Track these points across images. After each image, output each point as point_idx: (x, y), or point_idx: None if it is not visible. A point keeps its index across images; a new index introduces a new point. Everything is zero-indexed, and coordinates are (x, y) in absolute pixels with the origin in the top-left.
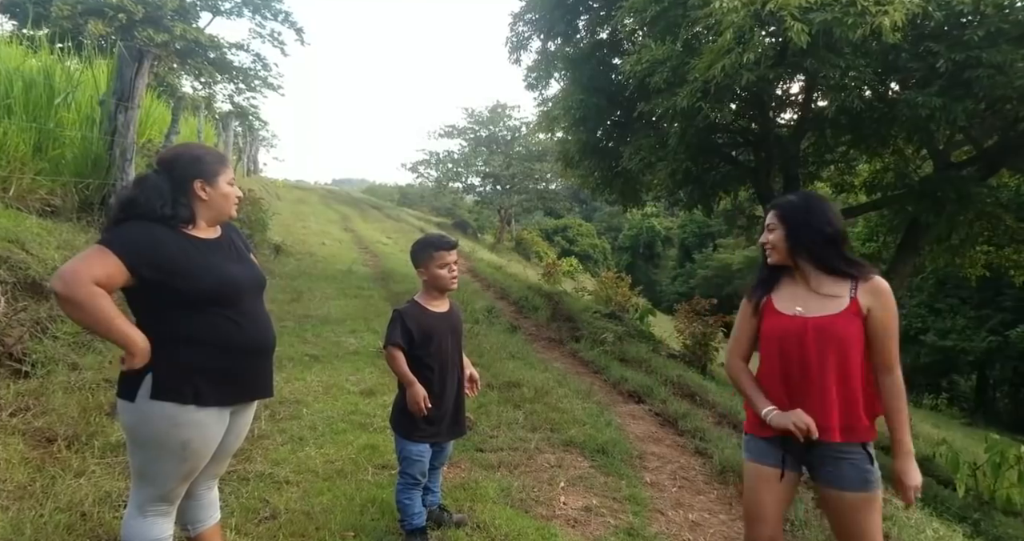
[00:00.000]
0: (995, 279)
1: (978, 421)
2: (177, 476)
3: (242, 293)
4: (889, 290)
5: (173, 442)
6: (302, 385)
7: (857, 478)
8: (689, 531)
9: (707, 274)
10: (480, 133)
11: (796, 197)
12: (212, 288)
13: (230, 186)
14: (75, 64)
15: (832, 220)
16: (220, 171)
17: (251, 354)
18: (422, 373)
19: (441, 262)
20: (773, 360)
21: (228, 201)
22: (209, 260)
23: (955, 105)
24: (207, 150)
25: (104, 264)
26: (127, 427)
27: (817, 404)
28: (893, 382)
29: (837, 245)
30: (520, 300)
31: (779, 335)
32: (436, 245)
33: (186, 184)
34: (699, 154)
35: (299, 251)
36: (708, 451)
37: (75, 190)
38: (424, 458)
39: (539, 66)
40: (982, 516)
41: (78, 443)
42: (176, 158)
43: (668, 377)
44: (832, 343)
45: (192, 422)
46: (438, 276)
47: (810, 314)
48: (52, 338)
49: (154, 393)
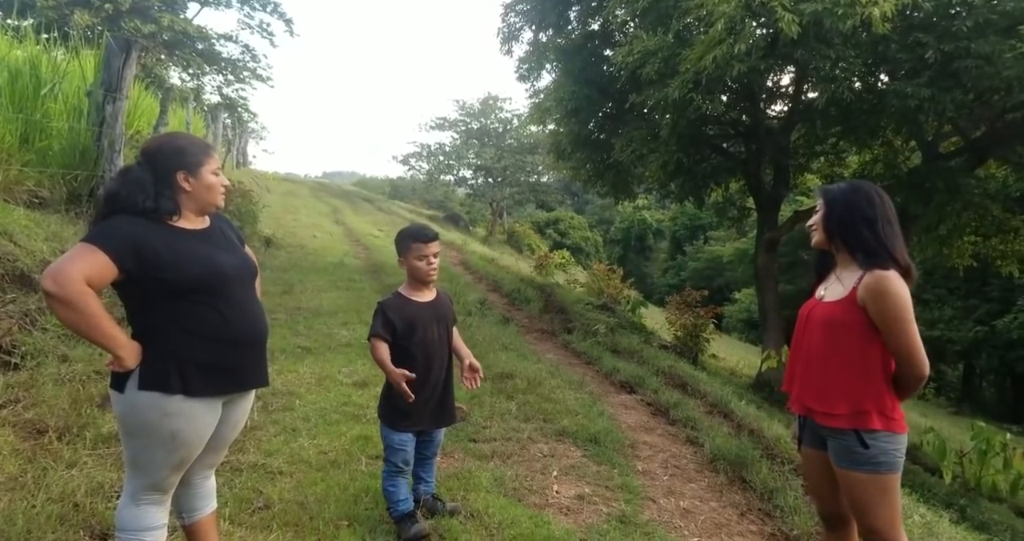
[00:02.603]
0: (982, 269)
1: (964, 410)
2: (168, 465)
3: (230, 283)
4: (884, 289)
5: (162, 432)
6: (294, 377)
7: (846, 457)
8: (680, 518)
9: (698, 266)
10: (471, 125)
11: (845, 182)
12: (198, 278)
13: (214, 176)
14: (61, 55)
15: (875, 202)
16: (203, 161)
17: (241, 344)
18: (406, 362)
19: (418, 254)
20: (793, 338)
21: (212, 192)
22: (195, 250)
23: (944, 96)
24: (190, 140)
25: (93, 262)
26: (118, 417)
27: (807, 385)
28: (903, 371)
29: (875, 229)
30: (512, 292)
31: (799, 315)
32: (414, 236)
33: (168, 176)
34: (690, 146)
35: (290, 244)
36: (699, 440)
37: (63, 182)
38: (406, 447)
39: (531, 57)
40: (968, 502)
41: (69, 435)
42: (158, 150)
43: (660, 367)
44: (827, 329)
45: (181, 412)
46: (415, 267)
47: (826, 299)
48: (41, 330)
49: (142, 383)
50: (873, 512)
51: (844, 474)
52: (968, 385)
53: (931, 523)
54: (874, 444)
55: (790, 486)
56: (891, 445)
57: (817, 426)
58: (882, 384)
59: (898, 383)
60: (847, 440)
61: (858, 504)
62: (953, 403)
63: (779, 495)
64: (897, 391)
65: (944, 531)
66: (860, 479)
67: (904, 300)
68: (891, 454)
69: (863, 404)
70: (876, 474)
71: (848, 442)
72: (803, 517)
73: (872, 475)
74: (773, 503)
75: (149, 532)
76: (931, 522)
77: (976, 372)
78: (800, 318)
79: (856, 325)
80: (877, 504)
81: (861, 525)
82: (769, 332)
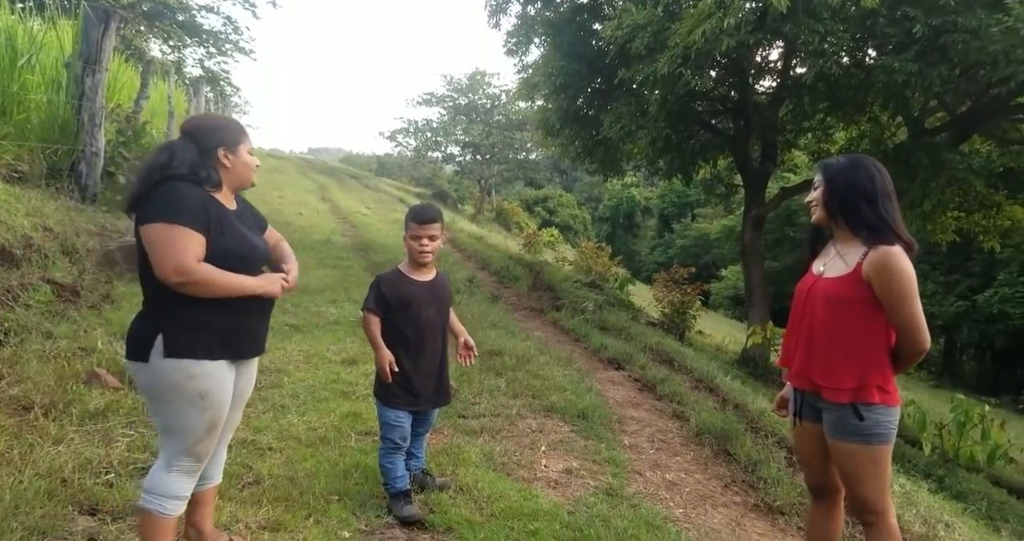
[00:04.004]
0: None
1: (945, 383)
2: (201, 427)
3: (259, 262)
4: (890, 264)
5: (191, 394)
6: (283, 354)
7: (840, 428)
8: (666, 490)
9: (686, 243)
10: (459, 101)
11: (844, 157)
12: (243, 254)
13: (250, 155)
14: (38, 25)
15: (875, 178)
16: (241, 139)
17: (257, 313)
18: (399, 339)
19: (413, 233)
20: (791, 313)
21: (249, 169)
22: (239, 229)
23: (930, 71)
24: (228, 120)
25: (194, 242)
26: (145, 388)
27: (812, 360)
28: (904, 345)
29: (875, 204)
30: (501, 270)
31: (798, 291)
32: (412, 215)
33: (211, 151)
34: (679, 122)
35: (276, 221)
36: (685, 414)
37: (43, 156)
38: (403, 423)
39: (519, 31)
40: (946, 472)
41: (55, 411)
42: (199, 126)
43: (647, 344)
44: (831, 304)
45: (206, 373)
46: (410, 246)
47: (826, 275)
48: (24, 306)
49: (167, 352)
50: (863, 482)
51: (837, 445)
52: (949, 359)
53: (910, 493)
54: (869, 416)
55: (773, 458)
56: (885, 417)
57: (817, 400)
58: (884, 358)
59: (897, 357)
60: (843, 412)
61: (849, 474)
62: (934, 376)
63: (762, 467)
64: (894, 364)
65: (922, 500)
66: (852, 450)
67: (909, 275)
68: (884, 426)
69: (869, 378)
70: (868, 445)
71: (844, 414)
72: (785, 488)
73: (864, 446)
74: (756, 475)
75: (172, 500)
76: (910, 492)
77: (957, 346)
78: (799, 293)
79: (861, 300)
80: (867, 474)
81: (851, 494)
82: (755, 308)
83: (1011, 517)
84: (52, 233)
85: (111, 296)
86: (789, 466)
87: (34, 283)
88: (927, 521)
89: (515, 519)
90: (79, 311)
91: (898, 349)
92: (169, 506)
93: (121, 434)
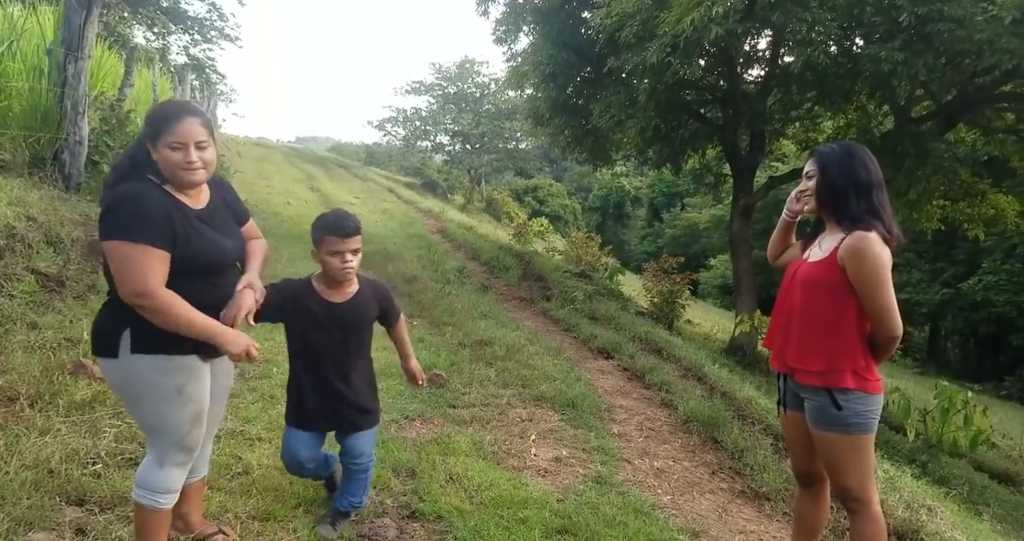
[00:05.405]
0: (949, 233)
1: (929, 370)
2: (186, 421)
3: (229, 264)
4: (862, 250)
5: (167, 389)
6: (271, 345)
7: (820, 418)
8: (654, 478)
9: (675, 233)
10: (448, 90)
11: (837, 143)
12: (210, 260)
13: (171, 150)
14: (18, 11)
15: (870, 167)
16: (162, 130)
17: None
18: (294, 354)
19: (332, 248)
20: (778, 296)
21: (174, 167)
22: (205, 233)
23: (916, 60)
24: (159, 107)
25: (155, 260)
26: (116, 385)
27: (788, 342)
28: (876, 332)
29: (868, 195)
30: (491, 260)
31: (785, 275)
32: (329, 228)
33: (147, 145)
34: (668, 111)
35: (263, 210)
36: (673, 403)
37: (25, 144)
38: (294, 446)
39: (508, 18)
40: (930, 458)
41: (41, 402)
42: (146, 116)
43: (636, 334)
44: (807, 288)
45: (178, 367)
46: (327, 263)
47: (809, 260)
48: (8, 297)
49: (134, 347)
50: (845, 471)
51: (818, 435)
52: (934, 346)
53: (893, 478)
54: (847, 406)
55: (759, 446)
56: (864, 406)
57: (796, 385)
58: (856, 344)
59: (872, 344)
60: (821, 400)
61: (831, 464)
62: (919, 364)
63: (749, 454)
64: (873, 353)
65: (906, 485)
66: (833, 439)
67: (882, 262)
68: (863, 415)
69: (837, 362)
70: (847, 435)
71: (822, 402)
72: (771, 474)
73: (844, 436)
74: (743, 462)
75: (166, 495)
76: (893, 477)
77: (942, 333)
78: (786, 277)
79: (834, 285)
80: (849, 463)
81: (834, 484)
82: (743, 297)
83: (992, 501)
84: (36, 223)
85: (96, 286)
86: (775, 453)
87: (18, 273)
88: (910, 506)
89: (505, 507)
90: (64, 301)
91: (872, 336)
92: (163, 500)
93: (108, 424)
